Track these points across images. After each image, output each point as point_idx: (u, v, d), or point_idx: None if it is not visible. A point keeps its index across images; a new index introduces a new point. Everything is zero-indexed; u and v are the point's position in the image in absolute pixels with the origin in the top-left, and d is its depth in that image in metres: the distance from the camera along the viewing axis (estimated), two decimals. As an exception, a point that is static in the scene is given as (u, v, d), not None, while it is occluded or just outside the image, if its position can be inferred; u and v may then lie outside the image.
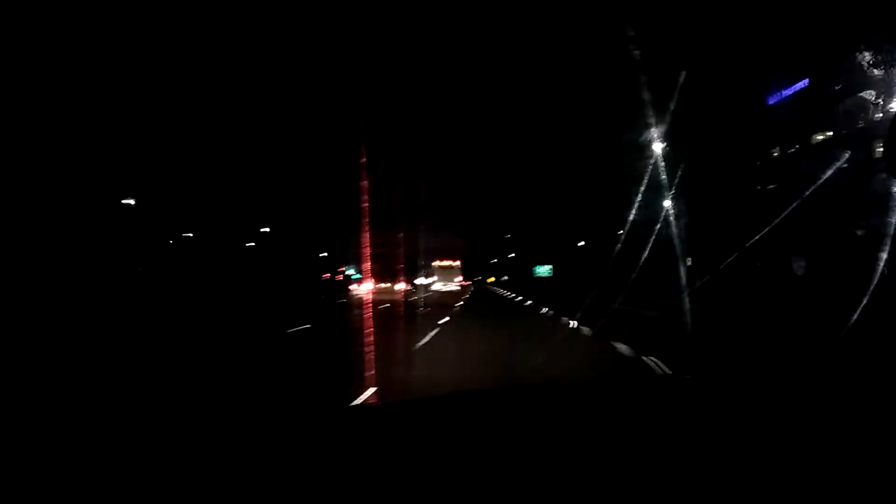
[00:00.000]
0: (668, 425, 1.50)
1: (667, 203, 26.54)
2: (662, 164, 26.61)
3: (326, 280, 69.79)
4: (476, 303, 31.89)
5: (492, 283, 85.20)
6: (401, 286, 48.96)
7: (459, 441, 1.42)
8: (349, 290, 41.23)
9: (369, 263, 40.96)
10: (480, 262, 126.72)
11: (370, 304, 23.48)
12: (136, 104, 37.30)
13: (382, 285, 47.79)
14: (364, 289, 35.97)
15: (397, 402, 2.74)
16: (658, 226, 25.32)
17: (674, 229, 25.53)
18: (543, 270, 54.78)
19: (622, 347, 9.48)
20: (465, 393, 2.06)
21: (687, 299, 16.27)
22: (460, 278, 62.68)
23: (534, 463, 1.24)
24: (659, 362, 7.87)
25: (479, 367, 8.32)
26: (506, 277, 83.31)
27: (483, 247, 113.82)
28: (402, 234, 53.85)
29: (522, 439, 1.41)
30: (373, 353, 8.50)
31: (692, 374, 6.69)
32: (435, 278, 60.91)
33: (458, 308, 25.92)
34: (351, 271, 68.05)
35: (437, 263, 61.08)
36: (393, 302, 29.75)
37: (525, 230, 79.94)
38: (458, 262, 62.17)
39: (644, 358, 8.26)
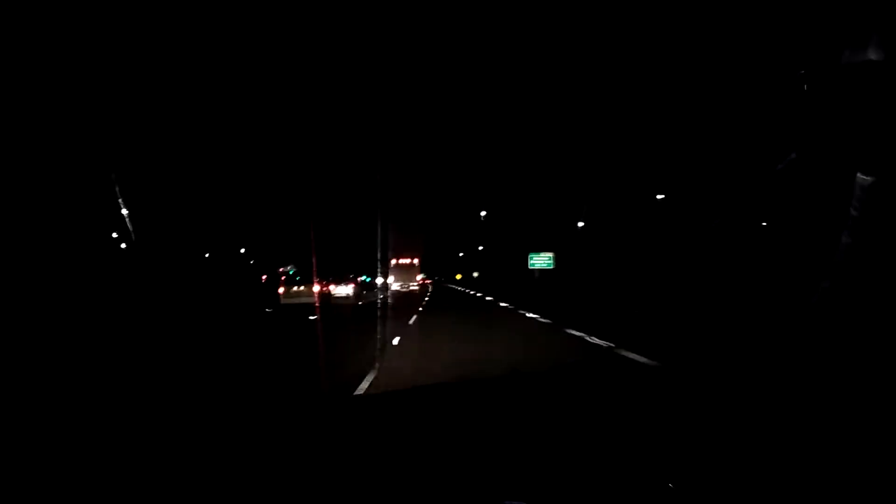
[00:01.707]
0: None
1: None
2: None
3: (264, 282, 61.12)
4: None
5: (459, 280, 70.84)
6: (348, 288, 41.98)
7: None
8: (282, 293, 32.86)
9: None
10: (444, 259, 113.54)
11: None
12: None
13: (335, 287, 41.51)
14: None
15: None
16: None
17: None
18: (541, 260, 36.29)
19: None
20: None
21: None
22: (420, 277, 58.72)
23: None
24: None
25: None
26: (476, 274, 67.96)
27: (446, 241, 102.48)
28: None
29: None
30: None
31: None
32: (392, 278, 54.83)
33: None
34: (292, 270, 59.14)
35: (394, 262, 55.28)
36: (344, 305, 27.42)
37: (505, 211, 61.65)
38: (416, 261, 55.79)
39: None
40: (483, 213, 52.69)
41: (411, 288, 52.06)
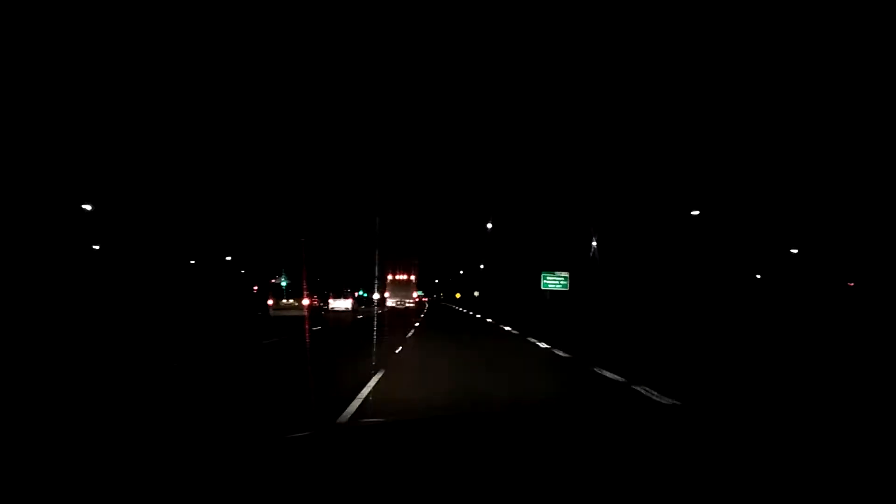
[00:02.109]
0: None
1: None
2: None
3: (253, 294, 58.90)
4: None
5: (458, 300, 66.00)
6: (347, 303, 43.19)
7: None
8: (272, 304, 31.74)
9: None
10: (444, 276, 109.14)
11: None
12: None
13: (334, 301, 43.33)
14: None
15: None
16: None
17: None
18: (555, 281, 31.91)
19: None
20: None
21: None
22: (416, 294, 55.89)
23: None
24: None
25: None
26: (476, 293, 62.38)
27: (446, 259, 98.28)
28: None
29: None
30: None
31: None
32: (387, 294, 53.26)
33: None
34: (284, 282, 57.41)
35: (390, 278, 53.29)
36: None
37: (513, 225, 56.24)
38: (413, 277, 53.98)
39: None
40: (490, 226, 48.51)
41: (407, 305, 50.52)
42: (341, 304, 42.66)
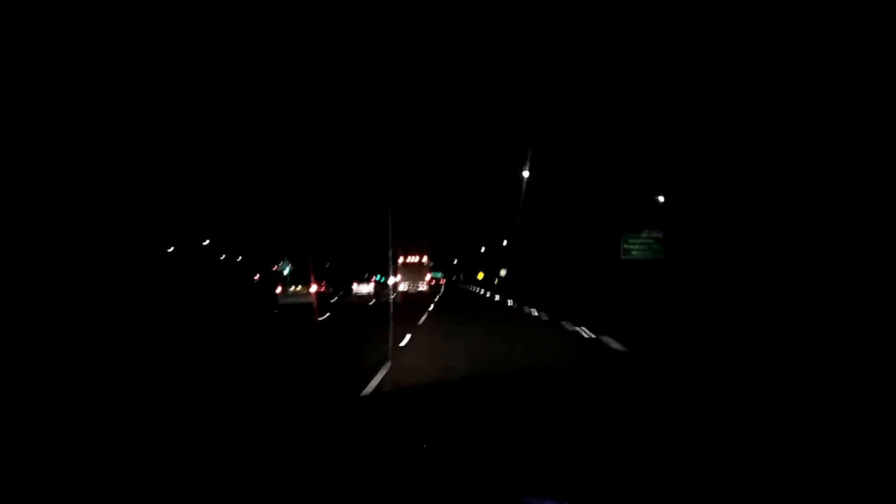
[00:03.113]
0: None
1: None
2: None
3: (256, 282, 55.92)
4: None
5: (481, 280, 55.29)
6: (369, 287, 46.07)
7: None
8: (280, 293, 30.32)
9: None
10: (463, 255, 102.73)
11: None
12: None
13: (357, 286, 45.71)
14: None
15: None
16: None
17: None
18: (641, 246, 23.50)
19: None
20: None
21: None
22: (429, 276, 52.43)
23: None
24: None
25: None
26: (503, 272, 51.65)
27: (465, 235, 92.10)
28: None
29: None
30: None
31: None
32: (399, 277, 50.38)
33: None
34: (287, 269, 54.64)
35: (401, 260, 50.51)
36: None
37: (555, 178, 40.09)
38: (426, 259, 50.88)
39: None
40: (525, 174, 31.59)
41: (420, 289, 48.11)
42: (364, 288, 46.01)
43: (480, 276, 52.74)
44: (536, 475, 1.48)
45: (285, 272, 56.66)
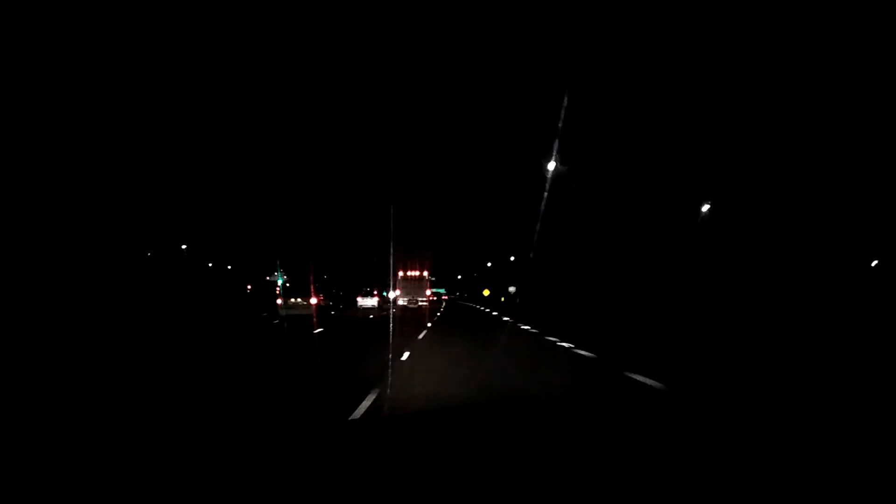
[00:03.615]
0: None
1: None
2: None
3: (249, 292, 54.11)
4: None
5: (487, 298, 52.01)
6: (374, 300, 47.09)
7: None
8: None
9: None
10: (467, 271, 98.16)
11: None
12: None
13: (361, 299, 47.02)
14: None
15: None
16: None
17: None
18: None
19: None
20: None
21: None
22: (429, 292, 52.50)
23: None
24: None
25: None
26: (512, 289, 48.04)
27: (469, 251, 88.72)
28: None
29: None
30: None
31: None
32: (398, 292, 50.18)
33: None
34: (280, 280, 53.04)
35: (401, 274, 50.49)
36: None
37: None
38: (426, 273, 50.00)
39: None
40: (551, 167, 26.71)
41: (420, 303, 47.50)
42: (368, 301, 47.48)
43: (486, 292, 49.83)
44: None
45: (278, 283, 55.07)
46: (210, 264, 58.46)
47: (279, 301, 29.58)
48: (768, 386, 7.89)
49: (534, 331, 18.34)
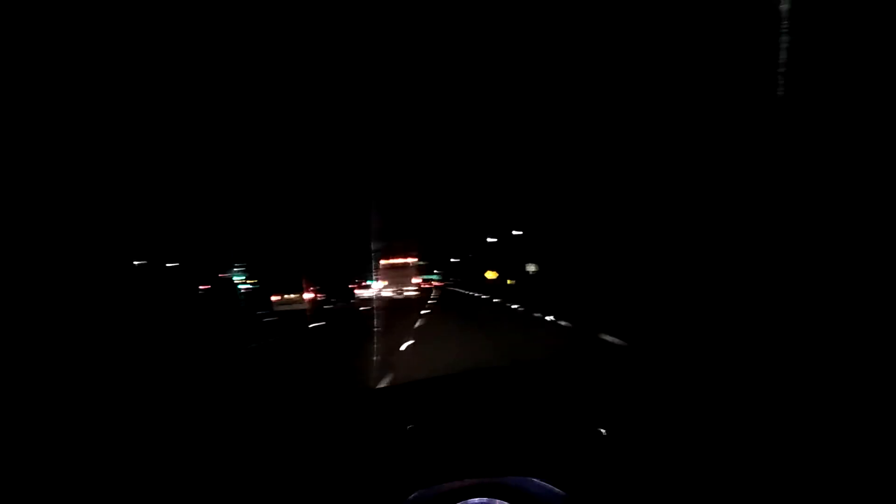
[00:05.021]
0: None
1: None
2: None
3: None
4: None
5: (492, 283, 44.51)
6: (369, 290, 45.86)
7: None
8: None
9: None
10: (463, 254, 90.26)
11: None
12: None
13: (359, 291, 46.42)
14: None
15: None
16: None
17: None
18: None
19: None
20: None
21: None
22: (418, 280, 47.49)
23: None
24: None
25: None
26: (532, 267, 42.75)
27: (467, 232, 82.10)
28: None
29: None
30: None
31: None
32: (383, 282, 46.21)
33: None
34: (239, 277, 46.66)
35: (384, 262, 45.57)
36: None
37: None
38: (413, 260, 46.92)
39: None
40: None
41: (407, 294, 43.55)
42: (366, 291, 47.70)
43: (492, 275, 40.29)
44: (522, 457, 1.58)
45: (238, 280, 48.29)
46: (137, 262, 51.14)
47: (274, 298, 28.77)
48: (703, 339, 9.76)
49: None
